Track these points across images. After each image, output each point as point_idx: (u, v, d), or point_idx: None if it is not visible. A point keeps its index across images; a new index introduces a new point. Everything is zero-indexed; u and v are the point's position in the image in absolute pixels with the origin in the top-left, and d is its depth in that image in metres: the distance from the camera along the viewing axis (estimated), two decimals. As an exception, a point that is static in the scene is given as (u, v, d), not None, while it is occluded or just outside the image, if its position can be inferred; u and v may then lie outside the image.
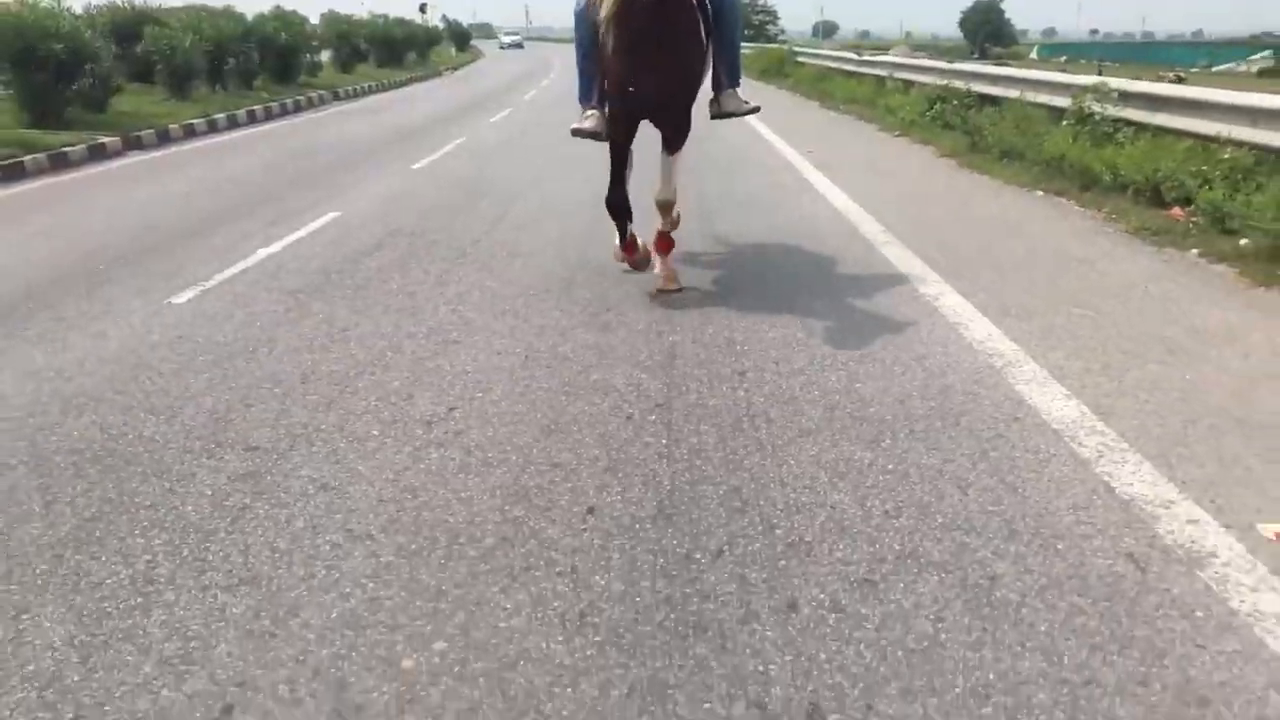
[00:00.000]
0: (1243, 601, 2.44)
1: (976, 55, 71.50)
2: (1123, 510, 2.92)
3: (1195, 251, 5.99)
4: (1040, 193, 8.30)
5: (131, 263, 6.63)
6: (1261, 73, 51.44)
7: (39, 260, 6.75)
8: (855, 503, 3.01)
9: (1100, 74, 11.61)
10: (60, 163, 12.22)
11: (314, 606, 2.55)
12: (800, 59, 26.34)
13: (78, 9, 17.53)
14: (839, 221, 7.48)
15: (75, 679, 2.29)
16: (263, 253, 6.86)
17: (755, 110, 5.67)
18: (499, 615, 2.49)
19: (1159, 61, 57.03)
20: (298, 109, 20.86)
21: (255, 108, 19.03)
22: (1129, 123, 8.51)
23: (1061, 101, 9.53)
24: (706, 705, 2.14)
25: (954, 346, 4.47)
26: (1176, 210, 6.82)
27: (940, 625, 2.39)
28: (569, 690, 2.20)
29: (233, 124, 17.49)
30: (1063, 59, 67.35)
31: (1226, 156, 6.77)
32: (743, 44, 6.65)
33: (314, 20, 30.78)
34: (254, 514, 3.07)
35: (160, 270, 6.38)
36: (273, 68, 22.74)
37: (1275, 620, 2.36)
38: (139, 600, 2.61)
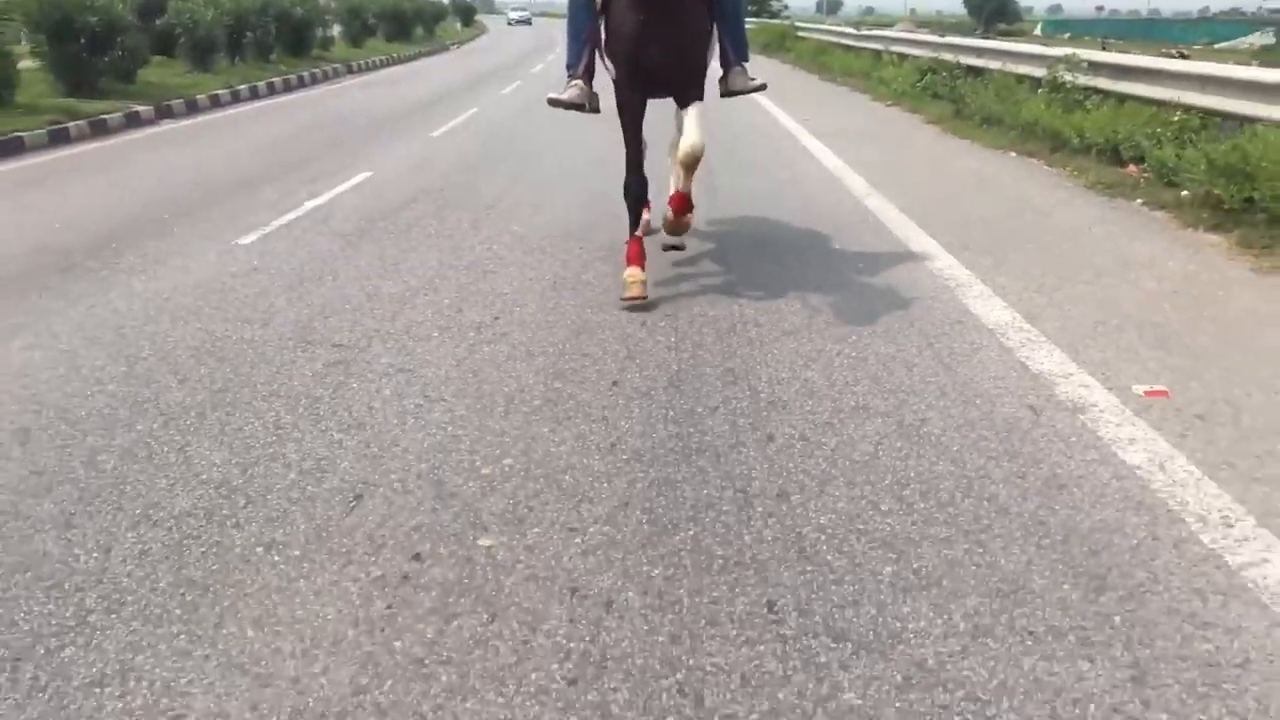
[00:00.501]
0: (1108, 432, 3.27)
1: (981, 32, 71.68)
2: (1031, 379, 3.74)
3: (1140, 201, 6.79)
4: (1014, 154, 9.09)
5: (192, 213, 7.42)
6: (1263, 49, 51.79)
7: (108, 212, 7.54)
8: (823, 377, 3.84)
9: (1104, 50, 12.31)
10: (100, 129, 12.99)
11: (409, 440, 3.38)
12: (801, 34, 27.01)
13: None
14: (828, 179, 8.27)
15: (239, 482, 3.12)
16: (310, 204, 7.65)
17: (762, 87, 5.36)
18: (550, 444, 3.32)
19: (1162, 39, 57.31)
20: (314, 81, 21.56)
21: (274, 80, 19.74)
22: (1097, 90, 9.27)
23: (1038, 72, 10.28)
24: (705, 492, 2.97)
25: (918, 273, 5.29)
26: (1132, 167, 7.60)
27: (879, 447, 3.22)
28: (605, 485, 3.03)
29: (254, 95, 18.22)
30: (1066, 36, 67.65)
31: (1176, 119, 7.53)
32: (746, 19, 6.28)
33: (325, -5, 31.28)
34: (349, 387, 3.89)
35: (220, 219, 7.18)
36: (288, 42, 23.40)
37: (1128, 442, 3.19)
38: (274, 438, 3.44)
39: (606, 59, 5.09)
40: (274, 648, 2.28)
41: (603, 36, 5.02)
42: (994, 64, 11.77)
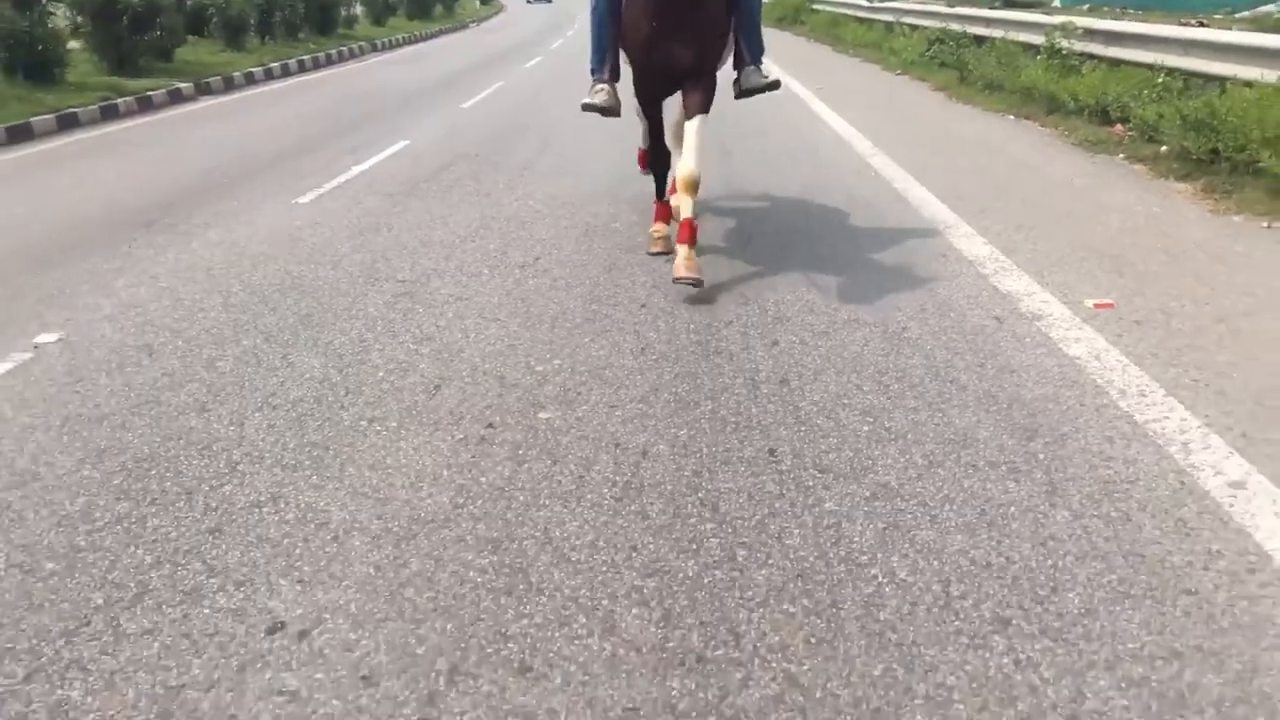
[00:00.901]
0: (1057, 334, 3.91)
1: (999, 4, 71.34)
2: (1000, 298, 4.38)
3: (1122, 156, 7.37)
4: (1011, 117, 9.66)
5: (249, 178, 8.11)
6: (1280, 18, 51.33)
7: (170, 178, 8.24)
8: (821, 298, 4.49)
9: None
10: (146, 105, 13.72)
11: (473, 349, 4.06)
12: (816, 7, 27.41)
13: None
14: (837, 141, 8.88)
15: (338, 379, 3.81)
16: (356, 169, 8.32)
17: (775, 84, 5.22)
18: (591, 349, 3.99)
19: (1181, 9, 56.94)
20: (341, 59, 22.21)
21: (304, 57, 20.40)
22: (1092, 56, 9.81)
23: (1038, 39, 10.82)
24: (720, 380, 3.63)
25: (909, 218, 5.92)
26: (1119, 126, 8.16)
27: (865, 348, 3.87)
28: (638, 377, 3.70)
29: (285, 72, 18.89)
30: (1085, 8, 67.30)
31: (1160, 81, 8.09)
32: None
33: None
34: (416, 311, 4.57)
35: (276, 183, 7.87)
36: (314, 21, 24.04)
37: (1074, 340, 3.83)
38: (360, 349, 4.12)
39: (625, 54, 5.17)
40: (388, 482, 2.97)
41: (620, 33, 5.06)
42: (998, 33, 12.29)
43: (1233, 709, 1.94)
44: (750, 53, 5.15)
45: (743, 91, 5.22)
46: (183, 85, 15.10)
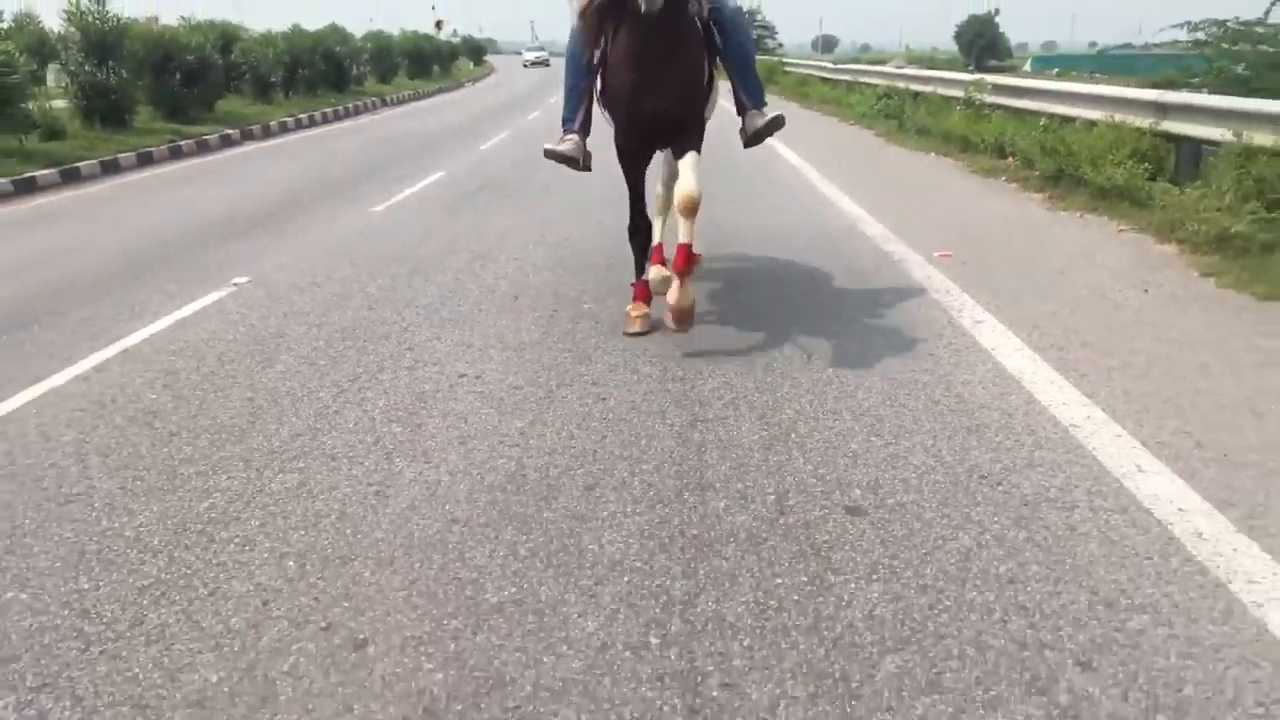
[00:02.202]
0: (910, 270, 6.09)
1: (972, 68, 74.93)
2: (882, 254, 6.56)
3: (1004, 178, 9.66)
4: (933, 154, 11.99)
5: (324, 198, 10.27)
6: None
7: (258, 198, 10.37)
8: (758, 267, 6.67)
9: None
10: (204, 146, 15.96)
11: (536, 281, 6.17)
12: (787, 69, 30.18)
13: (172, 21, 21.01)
14: (793, 172, 11.14)
15: (449, 297, 5.93)
16: (408, 191, 10.50)
17: (779, 121, 5.15)
18: (620, 287, 6.13)
19: (1146, 72, 60.29)
20: (358, 112, 24.58)
21: (326, 110, 22.76)
22: (999, 106, 12.19)
23: (959, 93, 13.22)
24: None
25: (837, 216, 8.13)
26: (1009, 158, 10.48)
27: (781, 280, 6.04)
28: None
29: (312, 123, 21.19)
30: (1054, 71, 70.86)
31: (1042, 123, 10.41)
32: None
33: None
34: (489, 267, 6.69)
35: (347, 199, 10.02)
36: (330, 78, 26.48)
37: (922, 275, 6.00)
38: (457, 283, 6.23)
39: (605, 110, 5.05)
40: (499, 338, 5.06)
41: (599, 87, 4.97)
42: (929, 89, 14.73)
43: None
44: (749, 98, 5.10)
45: (751, 137, 5.17)
46: (230, 131, 17.36)
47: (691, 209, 4.66)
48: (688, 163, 4.70)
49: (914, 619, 2.40)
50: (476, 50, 61.63)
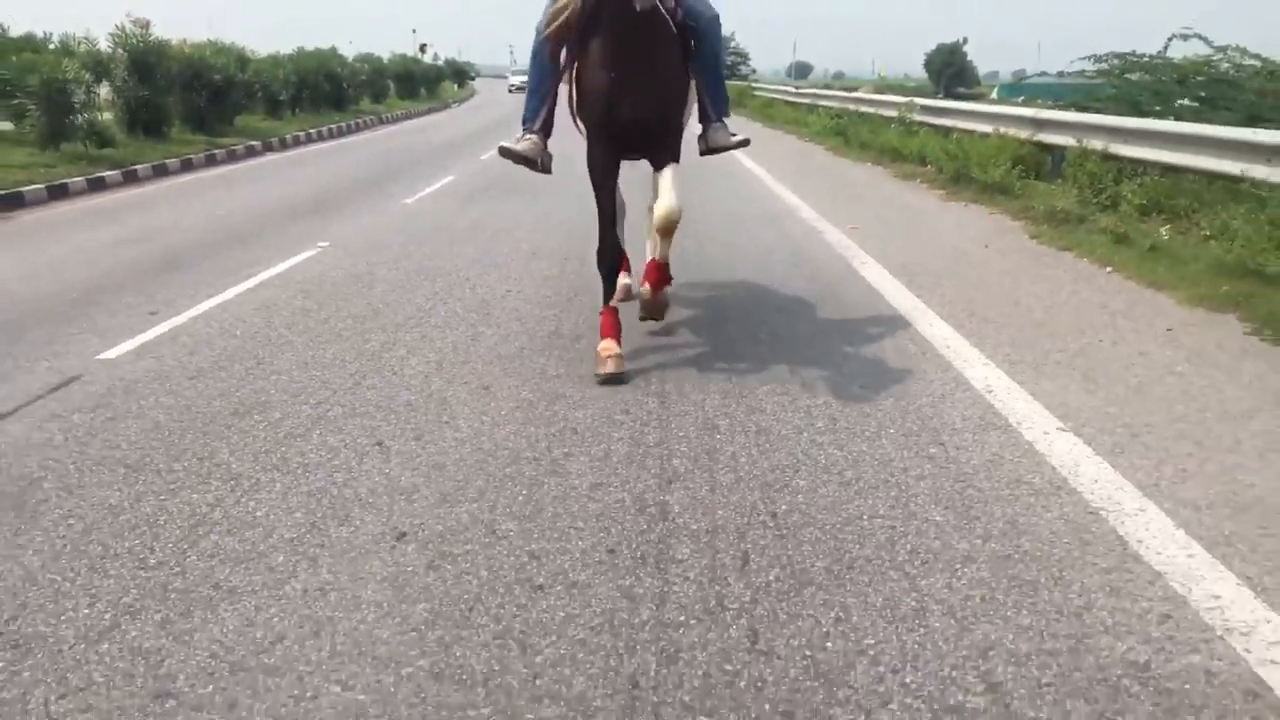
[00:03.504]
0: (828, 238, 8.24)
1: (941, 95, 78.03)
2: (809, 228, 8.72)
3: (919, 180, 11.88)
4: (869, 164, 14.25)
5: (356, 194, 12.33)
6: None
7: (302, 194, 12.41)
8: (733, 230, 8.81)
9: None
10: (233, 155, 17.96)
11: (549, 247, 8.26)
12: (755, 91, 32.59)
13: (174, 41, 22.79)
14: (751, 175, 13.34)
15: (482, 254, 8.02)
16: (428, 189, 12.59)
17: (744, 143, 5.14)
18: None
19: (1068, 95, 63.44)
20: (359, 129, 26.64)
21: (330, 126, 24.79)
22: (926, 124, 14.47)
23: (894, 114, 15.51)
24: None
25: (782, 205, 10.30)
26: (928, 166, 12.72)
27: (731, 249, 8.19)
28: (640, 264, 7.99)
29: (320, 137, 23.22)
30: (1020, 99, 74.15)
31: (954, 137, 12.67)
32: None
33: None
34: (509, 239, 8.77)
35: (378, 195, 12.09)
36: (331, 98, 28.56)
37: (838, 244, 8.14)
38: (488, 244, 8.32)
39: (577, 119, 4.89)
40: (529, 275, 7.16)
41: (572, 94, 4.83)
42: (871, 110, 17.04)
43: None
44: (714, 108, 4.93)
45: (709, 149, 5.04)
46: (253, 143, 19.39)
47: (669, 228, 4.57)
48: (667, 177, 4.58)
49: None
50: (460, 73, 63.91)
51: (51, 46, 17.99)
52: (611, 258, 4.96)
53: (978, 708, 2.09)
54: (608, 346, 4.60)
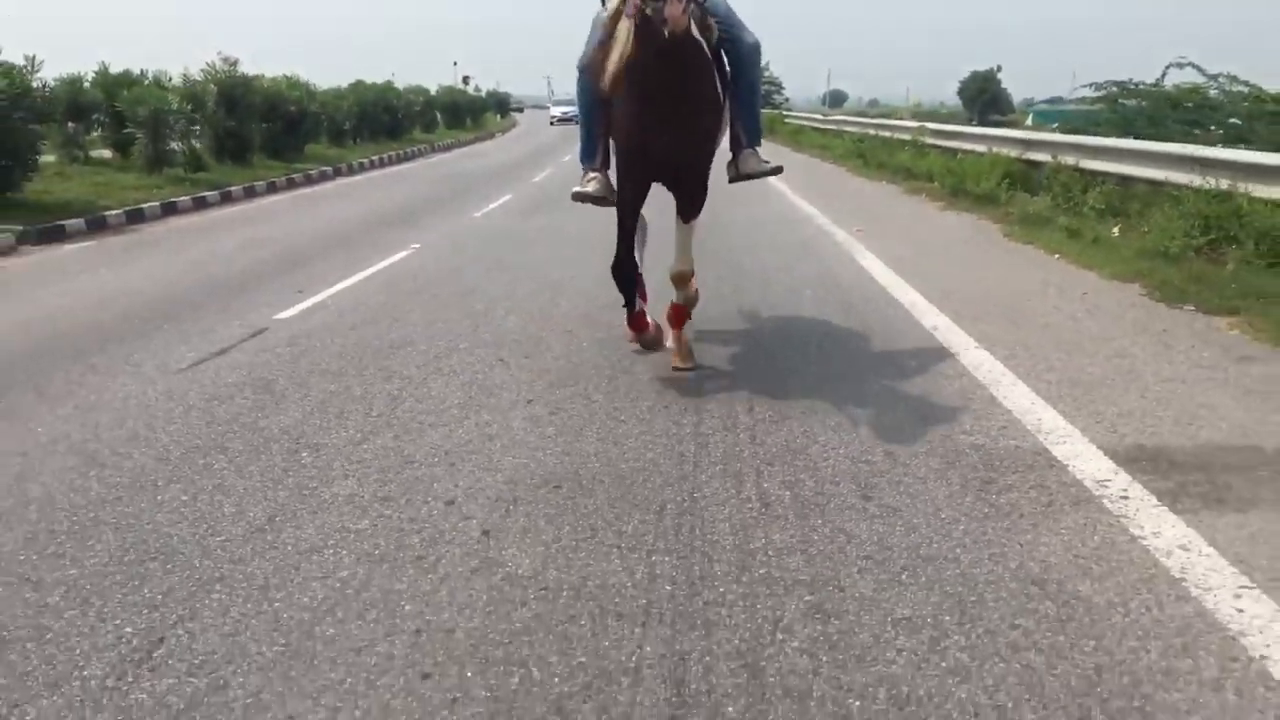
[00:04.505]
0: (836, 236, 9.86)
1: (975, 122, 79.31)
2: (822, 230, 10.34)
3: (924, 195, 13.47)
4: (884, 181, 15.84)
5: (432, 210, 14.11)
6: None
7: (383, 210, 14.21)
8: (755, 232, 10.46)
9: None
10: (309, 179, 19.89)
11: (600, 248, 9.99)
12: (787, 119, 34.33)
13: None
14: (774, 192, 14.99)
15: (554, 253, 9.73)
16: (491, 205, 14.35)
17: (777, 171, 5.13)
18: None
19: (1078, 120, 64.71)
20: (414, 156, 28.64)
21: (389, 154, 26.79)
22: (936, 146, 16.06)
23: (908, 137, 17.12)
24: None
25: (800, 214, 11.92)
26: (935, 182, 14.31)
27: (749, 250, 9.84)
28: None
29: (383, 163, 25.21)
30: (1054, 126, 75.45)
31: (958, 157, 14.25)
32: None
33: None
34: (568, 244, 10.51)
35: (450, 210, 13.87)
36: (387, 127, 30.64)
37: (842, 238, 9.76)
38: (552, 249, 10.05)
39: (613, 144, 4.96)
40: (588, 266, 8.85)
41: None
42: (887, 133, 18.66)
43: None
44: (747, 135, 4.97)
45: (739, 175, 5.03)
46: (325, 168, 21.35)
47: (684, 282, 4.90)
48: (683, 238, 4.84)
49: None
50: (502, 104, 66.34)
51: (145, 82, 20.01)
52: (625, 271, 5.03)
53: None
54: (640, 337, 5.21)
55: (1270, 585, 2.68)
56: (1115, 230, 8.70)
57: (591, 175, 5.00)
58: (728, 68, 4.77)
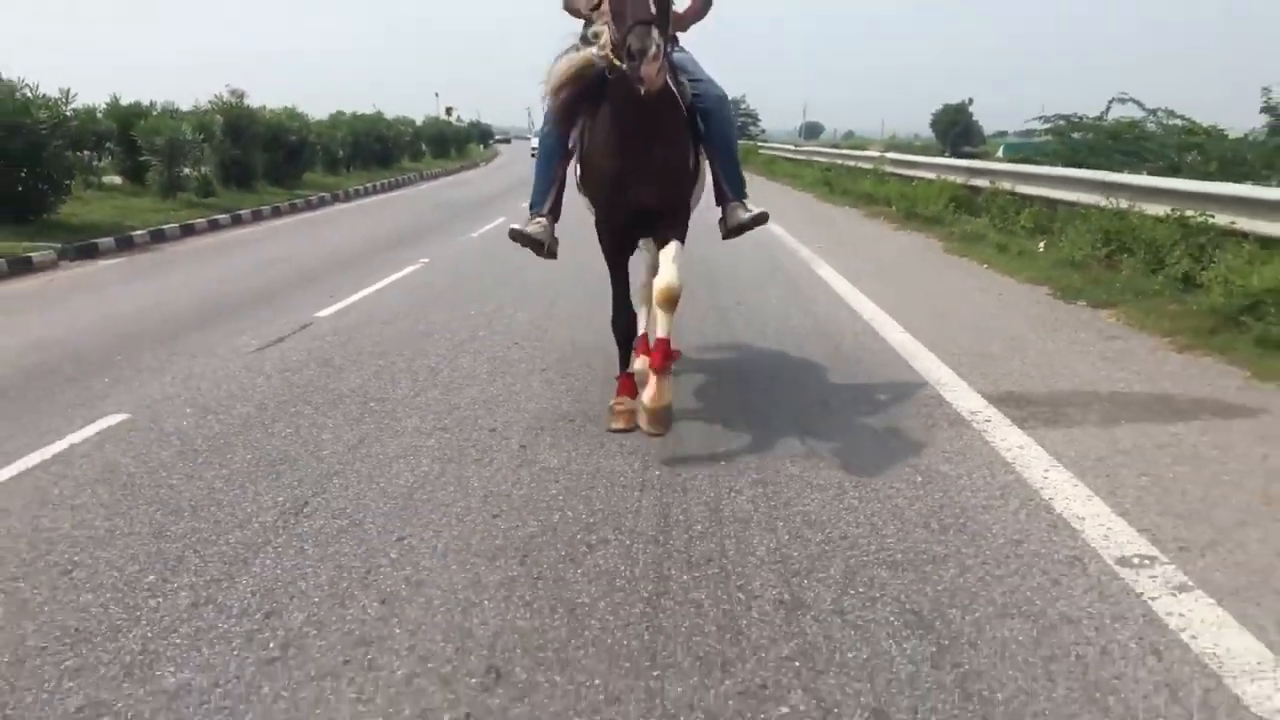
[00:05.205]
0: (795, 250, 11.16)
1: (948, 153, 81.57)
2: (787, 248, 11.63)
3: (882, 218, 14.81)
4: (847, 206, 17.21)
5: (431, 231, 15.32)
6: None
7: (385, 232, 15.40)
8: (732, 254, 11.73)
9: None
10: (310, 205, 21.06)
11: (589, 265, 11.24)
12: (761, 150, 35.92)
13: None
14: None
15: (571, 259, 10.98)
16: (487, 227, 15.55)
17: (762, 217, 5.04)
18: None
19: (1033, 151, 67.35)
20: (404, 184, 29.88)
21: (380, 181, 28.01)
22: (895, 174, 17.46)
23: (870, 166, 18.53)
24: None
25: (771, 235, 13.23)
26: (893, 207, 15.67)
27: (738, 257, 11.12)
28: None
29: (375, 190, 26.42)
30: (1022, 156, 78.04)
31: (913, 183, 15.63)
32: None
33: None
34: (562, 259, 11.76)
35: (449, 232, 15.07)
36: (378, 156, 31.91)
37: (806, 255, 11.04)
38: (546, 264, 11.29)
39: (586, 197, 5.00)
40: (580, 276, 10.08)
41: (578, 172, 4.86)
42: (852, 163, 20.09)
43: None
44: (731, 188, 4.93)
45: (730, 230, 5.02)
46: (324, 194, 22.54)
47: (671, 302, 4.41)
48: (669, 254, 4.47)
49: None
50: (485, 134, 67.85)
51: (154, 113, 21.18)
52: (624, 323, 4.97)
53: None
54: (621, 401, 4.71)
55: (1070, 464, 3.92)
56: (1041, 245, 10.01)
57: (537, 219, 4.96)
58: (700, 126, 4.72)
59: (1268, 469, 3.84)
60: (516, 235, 4.95)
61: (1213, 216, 7.41)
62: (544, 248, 4.98)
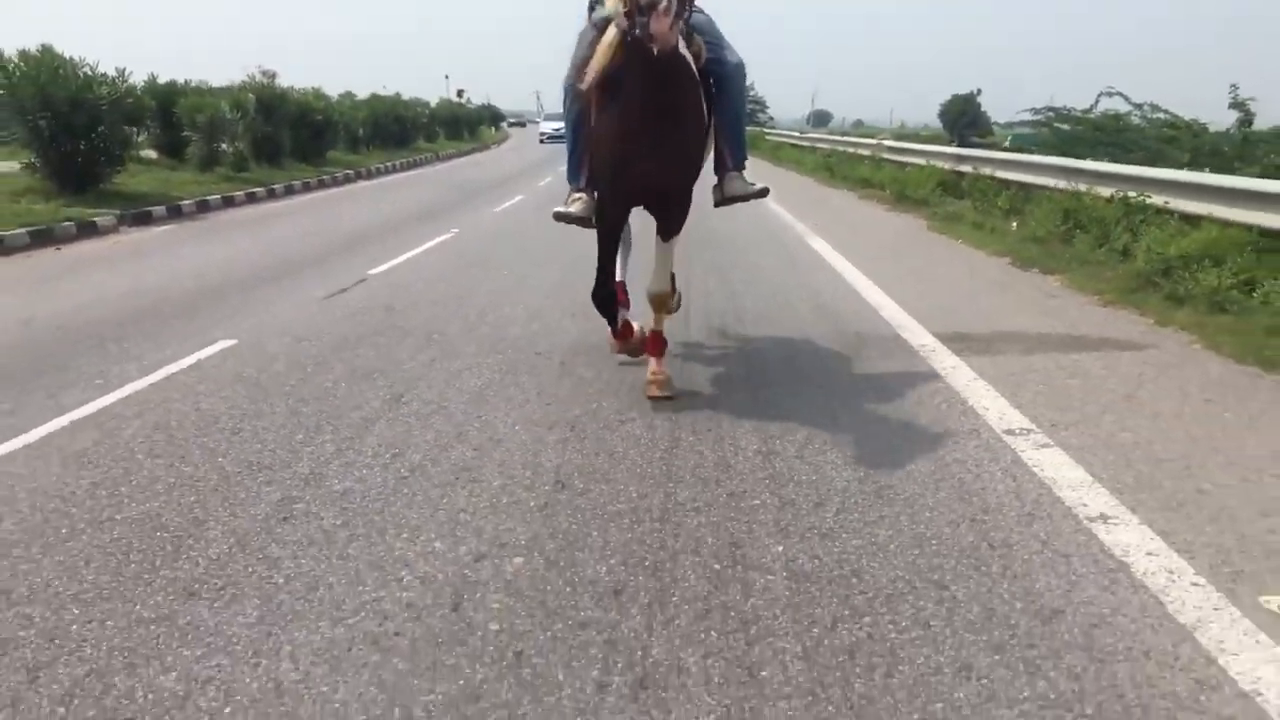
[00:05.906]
0: (797, 229, 12.29)
1: (956, 143, 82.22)
2: (785, 224, 12.76)
3: (876, 200, 15.93)
4: (846, 189, 18.31)
5: (455, 207, 16.45)
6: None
7: (413, 206, 16.53)
8: (734, 228, 12.86)
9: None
10: (335, 181, 22.17)
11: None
12: (767, 136, 36.96)
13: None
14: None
15: (565, 233, 12.11)
16: (507, 204, 16.69)
17: (763, 192, 5.06)
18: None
19: (1025, 141, 68.52)
20: (421, 164, 30.95)
21: (399, 161, 29.09)
22: (891, 160, 18.56)
23: (868, 153, 19.62)
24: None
25: (771, 212, 14.36)
26: (886, 190, 16.78)
27: (735, 243, 12.25)
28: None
29: (395, 169, 27.51)
30: (1032, 148, 78.94)
31: (906, 169, 16.72)
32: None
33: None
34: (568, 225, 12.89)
35: (472, 207, 16.21)
36: (396, 137, 33.00)
37: (802, 230, 12.18)
38: (564, 234, 12.45)
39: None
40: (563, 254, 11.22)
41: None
42: (851, 149, 21.18)
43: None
44: (733, 157, 4.91)
45: (725, 199, 5.02)
46: (348, 171, 23.67)
47: (661, 304, 4.76)
48: (661, 258, 4.73)
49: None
50: (496, 117, 68.88)
51: (189, 91, 22.29)
52: (604, 296, 5.08)
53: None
54: (624, 343, 5.29)
55: (989, 377, 5.08)
56: (1014, 224, 11.14)
57: (576, 195, 4.92)
58: (713, 89, 4.71)
59: (1139, 381, 5.00)
60: (561, 216, 4.96)
61: (1149, 197, 8.53)
62: (590, 222, 4.93)
